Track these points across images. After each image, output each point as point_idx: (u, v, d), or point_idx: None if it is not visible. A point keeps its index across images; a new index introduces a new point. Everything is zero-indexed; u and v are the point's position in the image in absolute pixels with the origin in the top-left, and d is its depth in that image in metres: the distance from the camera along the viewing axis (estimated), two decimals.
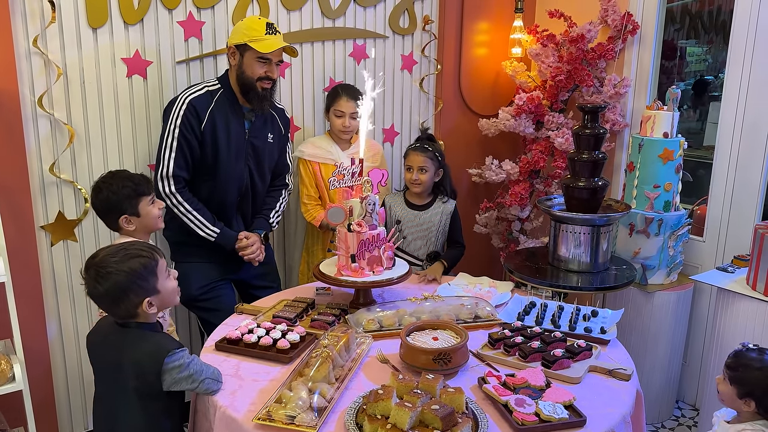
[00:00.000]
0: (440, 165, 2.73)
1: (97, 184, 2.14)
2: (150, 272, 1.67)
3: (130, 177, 2.15)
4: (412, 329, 1.95)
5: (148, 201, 2.14)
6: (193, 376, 1.68)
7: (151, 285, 1.67)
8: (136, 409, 1.69)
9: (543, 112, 3.31)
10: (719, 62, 4.00)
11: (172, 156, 2.37)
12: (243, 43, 2.36)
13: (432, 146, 2.71)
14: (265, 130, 2.57)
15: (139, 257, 1.66)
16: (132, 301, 1.64)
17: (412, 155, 2.71)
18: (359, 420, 1.57)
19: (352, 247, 2.19)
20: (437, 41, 3.33)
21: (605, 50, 3.13)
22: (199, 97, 2.40)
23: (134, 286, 1.63)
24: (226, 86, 2.46)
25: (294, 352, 1.91)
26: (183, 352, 1.69)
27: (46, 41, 2.34)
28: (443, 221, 2.75)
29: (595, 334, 2.07)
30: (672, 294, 2.86)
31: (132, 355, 1.66)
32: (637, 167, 2.88)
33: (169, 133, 2.38)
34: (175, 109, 2.38)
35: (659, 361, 2.91)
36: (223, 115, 2.42)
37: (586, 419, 1.60)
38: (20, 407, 2.14)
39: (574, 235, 2.69)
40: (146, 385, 1.66)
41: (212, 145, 2.41)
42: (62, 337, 2.59)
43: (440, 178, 2.76)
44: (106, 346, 1.73)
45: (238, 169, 2.49)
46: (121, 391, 1.69)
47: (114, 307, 1.66)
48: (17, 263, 2.29)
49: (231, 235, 2.48)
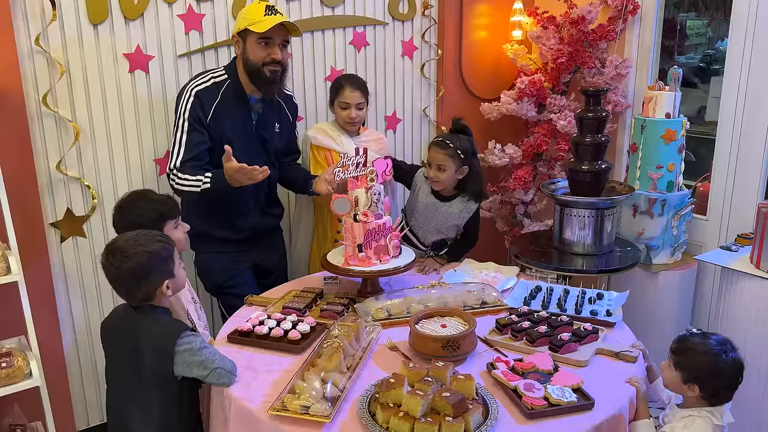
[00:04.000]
0: (464, 163, 2.51)
1: (120, 204, 2.05)
2: (169, 256, 1.78)
3: (158, 200, 2.06)
4: (420, 317, 1.98)
5: (173, 225, 2.05)
6: (204, 362, 1.72)
7: (170, 268, 1.78)
8: (151, 391, 1.74)
9: (545, 94, 3.30)
10: (719, 35, 3.96)
11: (182, 150, 2.34)
12: (244, 29, 2.32)
13: (456, 141, 2.49)
14: (273, 119, 2.55)
15: (160, 242, 1.78)
16: (152, 282, 1.74)
17: (432, 151, 2.52)
18: (372, 409, 1.60)
19: (358, 237, 2.21)
20: (437, 26, 3.32)
21: (606, 31, 3.12)
22: (205, 90, 2.37)
23: (156, 268, 1.74)
24: (233, 76, 2.42)
25: (305, 343, 1.95)
26: (195, 337, 1.74)
27: (47, 39, 2.34)
28: (460, 219, 2.61)
29: (601, 317, 2.10)
30: (676, 273, 2.88)
31: (147, 335, 1.73)
32: (640, 148, 2.89)
33: (177, 126, 2.36)
34: (182, 102, 2.35)
35: (664, 340, 2.90)
36: (228, 110, 2.40)
37: (595, 402, 1.63)
38: (38, 402, 2.19)
39: (578, 218, 2.71)
40: (161, 366, 1.71)
41: (218, 141, 2.40)
42: (75, 332, 2.63)
43: (464, 176, 2.56)
44: (123, 328, 1.79)
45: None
46: (136, 373, 1.74)
47: (135, 287, 1.74)
48: (28, 261, 2.31)
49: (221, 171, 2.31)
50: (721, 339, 1.75)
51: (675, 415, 1.77)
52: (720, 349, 1.71)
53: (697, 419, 1.71)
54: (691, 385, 1.71)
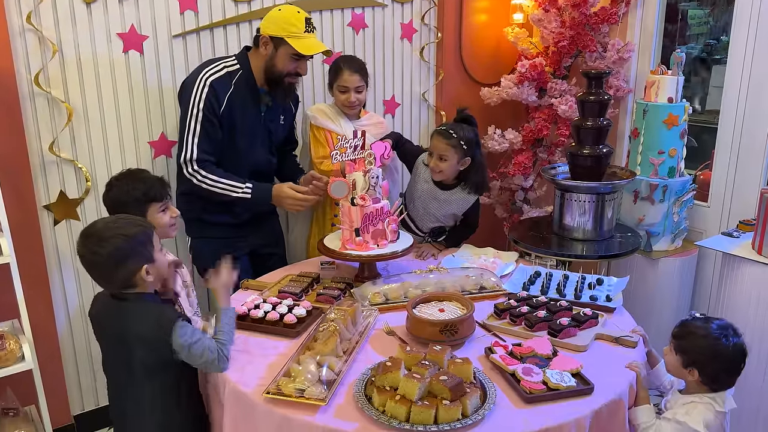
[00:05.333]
0: (466, 154, 2.45)
1: (110, 181, 2.03)
2: (147, 240, 1.71)
3: (144, 180, 2.01)
4: (418, 301, 1.95)
5: (158, 208, 1.99)
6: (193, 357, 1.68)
7: (149, 252, 1.71)
8: (143, 384, 1.71)
9: (546, 79, 3.26)
10: (721, 25, 3.93)
11: (196, 141, 2.31)
12: (280, 37, 2.30)
13: (459, 132, 2.42)
14: (278, 112, 2.56)
15: (137, 225, 1.72)
16: (130, 268, 1.67)
17: (434, 139, 2.46)
18: (368, 392, 1.58)
19: (356, 221, 2.18)
20: (437, 8, 3.27)
21: (608, 14, 3.07)
22: (219, 79, 2.33)
23: (134, 252, 1.67)
24: (246, 67, 2.39)
25: (301, 327, 1.92)
26: (185, 329, 1.68)
27: (39, 18, 2.30)
28: (459, 209, 2.58)
29: (600, 302, 2.08)
30: (677, 260, 2.86)
31: (136, 326, 1.67)
32: (642, 133, 2.85)
33: (192, 116, 2.31)
34: (196, 91, 2.31)
35: (664, 327, 2.90)
36: (240, 101, 2.37)
37: (594, 387, 1.61)
38: (31, 386, 2.17)
39: (578, 203, 2.68)
40: (153, 356, 1.67)
41: (229, 131, 2.37)
42: (69, 315, 2.60)
43: (466, 168, 2.50)
44: (107, 318, 1.75)
45: (255, 154, 2.48)
46: (126, 366, 1.70)
47: (113, 273, 1.67)
48: (21, 244, 2.29)
49: (265, 186, 2.41)
50: (723, 324, 1.73)
51: (677, 402, 1.75)
52: (720, 333, 1.70)
53: (698, 405, 1.69)
54: (691, 369, 1.70)
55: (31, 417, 2.37)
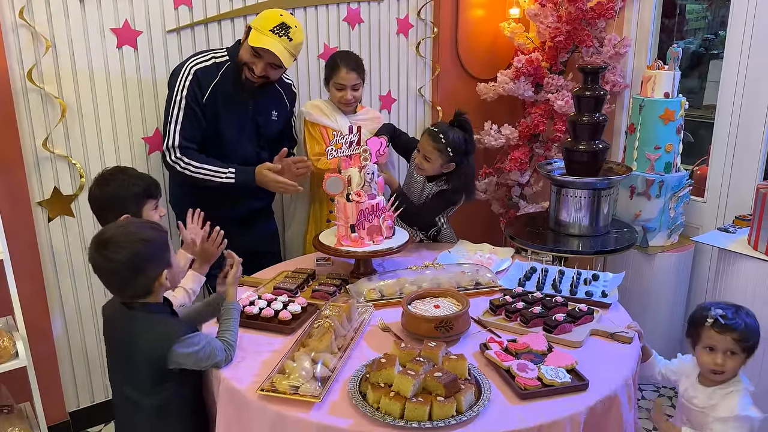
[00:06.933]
0: (451, 160, 2.41)
1: (103, 176, 1.98)
2: (165, 243, 1.65)
3: (141, 176, 2.01)
4: (413, 297, 1.95)
5: (153, 205, 1.99)
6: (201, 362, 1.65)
7: (168, 256, 1.65)
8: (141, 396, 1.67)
9: (542, 74, 3.25)
10: (719, 19, 3.92)
11: (178, 128, 2.31)
12: (249, 27, 2.32)
13: (449, 137, 2.37)
14: (271, 107, 2.54)
15: (153, 229, 1.66)
16: (150, 275, 1.60)
17: (423, 138, 2.44)
18: (363, 389, 1.58)
19: (351, 217, 2.17)
20: (433, 3, 3.25)
21: (605, 9, 3.06)
22: (204, 69, 2.34)
23: (154, 257, 1.60)
24: (235, 59, 2.39)
25: (296, 323, 1.92)
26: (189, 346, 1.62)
27: (32, 13, 2.28)
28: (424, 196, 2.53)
29: (596, 298, 2.07)
30: (673, 256, 2.86)
31: (143, 339, 1.61)
32: (638, 128, 2.85)
33: (174, 103, 2.32)
34: (180, 78, 2.32)
35: (660, 323, 2.92)
36: (226, 92, 2.37)
37: (589, 383, 1.61)
38: (25, 383, 2.16)
39: (574, 199, 2.68)
40: (157, 367, 1.62)
41: (213, 121, 2.36)
42: (64, 311, 2.59)
43: (449, 172, 2.45)
44: (116, 327, 1.70)
45: (243, 147, 2.46)
46: (128, 377, 1.67)
47: (131, 281, 1.59)
48: (15, 240, 2.27)
49: (248, 169, 2.39)
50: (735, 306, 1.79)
51: (712, 395, 1.77)
52: (747, 312, 1.77)
53: (738, 392, 1.74)
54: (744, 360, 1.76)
55: (26, 414, 2.36)
